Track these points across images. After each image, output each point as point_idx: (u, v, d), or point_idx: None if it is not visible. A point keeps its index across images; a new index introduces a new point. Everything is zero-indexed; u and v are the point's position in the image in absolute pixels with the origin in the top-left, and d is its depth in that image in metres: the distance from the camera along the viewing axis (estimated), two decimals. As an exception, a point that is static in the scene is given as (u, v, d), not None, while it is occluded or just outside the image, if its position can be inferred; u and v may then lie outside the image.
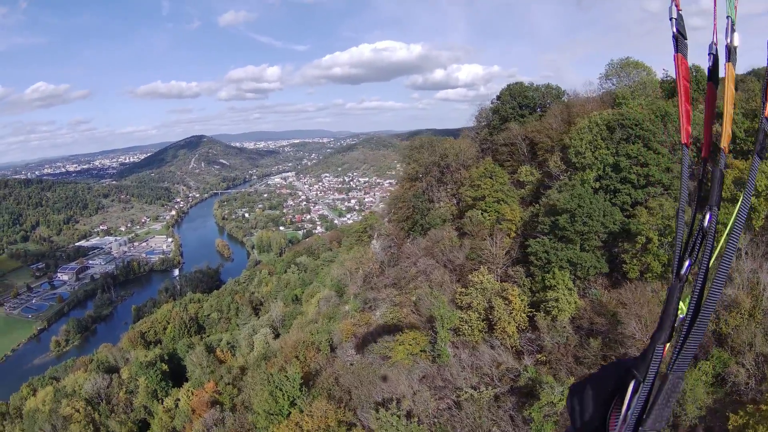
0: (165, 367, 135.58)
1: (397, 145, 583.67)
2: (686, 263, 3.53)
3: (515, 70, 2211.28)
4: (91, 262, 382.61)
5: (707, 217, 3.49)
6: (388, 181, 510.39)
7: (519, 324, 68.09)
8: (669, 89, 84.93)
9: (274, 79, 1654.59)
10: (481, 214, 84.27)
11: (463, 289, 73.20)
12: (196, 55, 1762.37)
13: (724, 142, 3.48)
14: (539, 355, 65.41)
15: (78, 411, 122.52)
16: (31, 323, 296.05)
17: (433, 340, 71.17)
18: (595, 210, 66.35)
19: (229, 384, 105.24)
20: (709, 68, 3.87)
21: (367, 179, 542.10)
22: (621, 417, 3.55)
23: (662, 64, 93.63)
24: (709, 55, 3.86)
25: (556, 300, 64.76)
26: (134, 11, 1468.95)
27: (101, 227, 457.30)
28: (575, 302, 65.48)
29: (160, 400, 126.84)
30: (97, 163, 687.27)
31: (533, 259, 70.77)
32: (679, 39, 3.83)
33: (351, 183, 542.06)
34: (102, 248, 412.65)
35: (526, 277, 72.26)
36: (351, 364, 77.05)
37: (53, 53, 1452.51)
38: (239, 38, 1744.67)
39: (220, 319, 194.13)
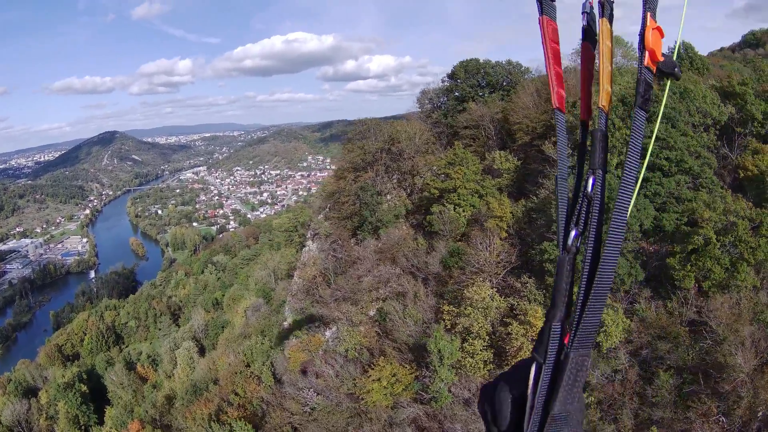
0: (84, 388, 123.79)
1: (308, 137, 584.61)
2: (572, 233, 3.08)
3: (426, 61, 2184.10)
4: (8, 266, 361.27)
5: (590, 181, 3.04)
6: (299, 173, 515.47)
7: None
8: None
9: (185, 72, 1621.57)
10: (454, 209, 69.59)
11: (452, 308, 56.70)
12: (109, 50, 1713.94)
13: (603, 101, 3.17)
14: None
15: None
16: None
17: (421, 376, 55.21)
18: (628, 203, 50.13)
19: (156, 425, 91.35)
20: (583, 27, 3.55)
21: (278, 172, 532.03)
22: (528, 403, 3.08)
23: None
24: (582, 13, 3.54)
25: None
26: (51, 6, 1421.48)
27: (17, 229, 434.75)
28: (623, 322, 48.76)
29: (82, 428, 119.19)
30: (13, 162, 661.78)
31: (550, 267, 52.79)
32: (544, 1, 3.39)
33: (263, 176, 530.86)
34: (19, 251, 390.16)
35: (539, 291, 54.75)
36: (312, 409, 60.16)
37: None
38: (152, 31, 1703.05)
39: (138, 327, 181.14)
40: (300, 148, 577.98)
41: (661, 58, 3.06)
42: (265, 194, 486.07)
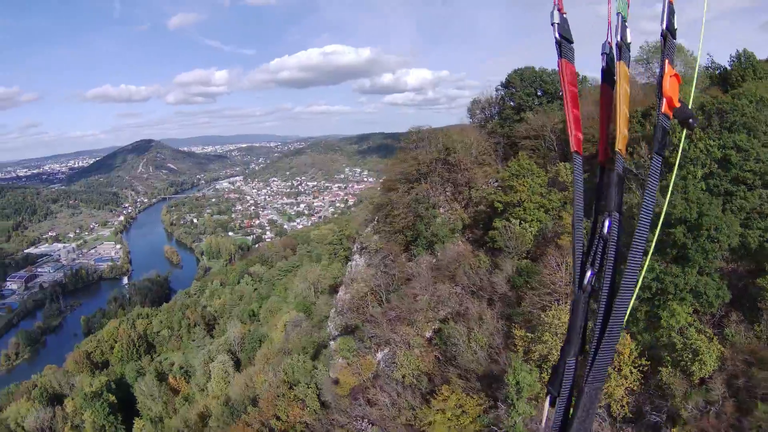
0: (112, 398, 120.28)
1: (345, 149, 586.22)
2: (588, 273, 3.44)
3: (464, 74, 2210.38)
4: (39, 270, 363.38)
5: (606, 223, 3.44)
6: (337, 185, 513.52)
7: (629, 384, 44.73)
8: (717, 78, 71.22)
9: (221, 82, 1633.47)
10: (519, 224, 63.85)
11: (526, 333, 50.54)
12: (145, 59, 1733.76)
13: (620, 144, 3.51)
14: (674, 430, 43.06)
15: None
16: None
17: (489, 407, 49.36)
18: (721, 219, 45.72)
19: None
20: (603, 69, 3.89)
21: (315, 183, 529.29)
22: None
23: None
24: (602, 54, 3.87)
25: (693, 349, 42.54)
26: (86, 14, 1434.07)
27: (50, 233, 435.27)
28: (717, 349, 42.84)
29: None
30: (47, 167, 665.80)
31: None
32: (563, 44, 3.77)
33: (299, 187, 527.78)
34: (51, 255, 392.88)
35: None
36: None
37: (2, 55, 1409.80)
38: (188, 42, 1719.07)
39: (170, 336, 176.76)
40: (337, 159, 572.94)
41: (677, 105, 3.41)
42: (302, 205, 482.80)
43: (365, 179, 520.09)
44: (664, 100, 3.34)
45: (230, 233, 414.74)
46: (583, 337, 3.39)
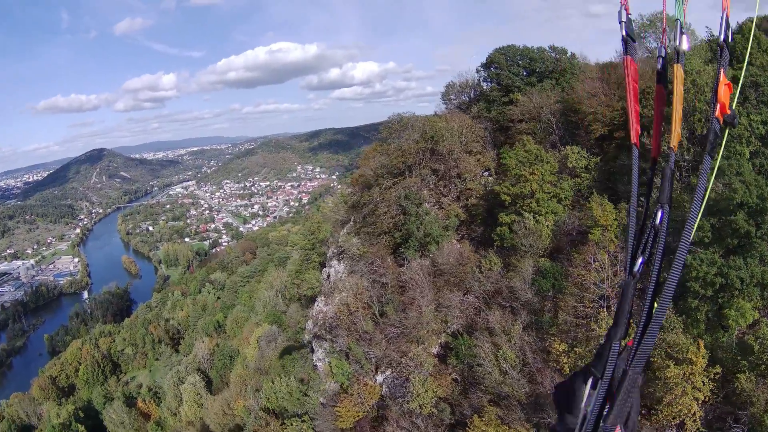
0: (81, 428, 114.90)
1: (296, 147, 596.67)
2: (639, 261, 3.59)
3: (410, 66, 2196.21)
4: (0, 289, 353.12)
5: (659, 214, 3.54)
6: (290, 184, 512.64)
7: (702, 396, 37.88)
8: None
9: (170, 87, 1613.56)
10: (534, 218, 54.93)
11: (569, 348, 42.32)
12: (93, 67, 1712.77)
13: (674, 142, 3.59)
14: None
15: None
16: None
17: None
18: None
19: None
20: (658, 71, 4.00)
21: (268, 183, 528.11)
22: (581, 414, 3.64)
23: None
24: (658, 57, 4.00)
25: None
26: (35, 25, 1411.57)
27: (8, 251, 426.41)
28: None
29: None
30: (1, 183, 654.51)
31: (695, 287, 39.62)
32: (628, 42, 3.99)
33: (252, 188, 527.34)
34: (10, 274, 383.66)
35: (677, 316, 40.81)
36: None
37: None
38: (135, 47, 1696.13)
39: (135, 353, 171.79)
40: (289, 158, 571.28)
41: (728, 111, 3.53)
42: (256, 206, 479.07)
43: (318, 176, 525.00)
44: (718, 105, 3.45)
45: (186, 239, 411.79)
46: (627, 322, 3.53)
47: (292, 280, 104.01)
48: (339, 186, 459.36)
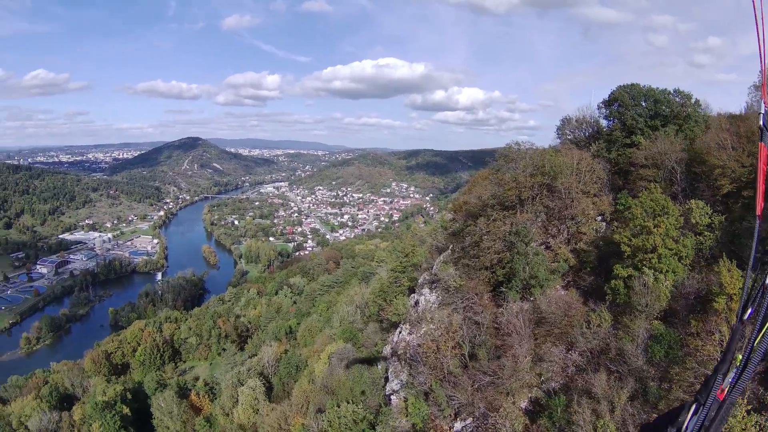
0: (126, 409, 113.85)
1: (393, 163, 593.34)
2: (749, 310, 4.20)
3: (515, 97, 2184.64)
4: (72, 256, 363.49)
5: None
6: (382, 199, 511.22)
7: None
8: None
9: (273, 87, 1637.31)
10: (653, 276, 48.32)
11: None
12: (197, 58, 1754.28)
13: None
14: None
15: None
16: (3, 315, 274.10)
17: None
18: None
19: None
20: (761, 128, 4.37)
21: (361, 195, 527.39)
22: None
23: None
24: (761, 114, 4.35)
25: None
26: (141, 9, 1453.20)
27: (87, 221, 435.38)
28: None
29: None
30: (90, 156, 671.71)
31: None
32: (764, 131, 4.36)
33: (344, 198, 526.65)
34: (85, 243, 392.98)
35: None
36: None
37: (56, 42, 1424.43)
38: (241, 44, 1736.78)
39: (199, 344, 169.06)
40: (384, 173, 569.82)
41: None
42: (346, 216, 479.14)
43: (412, 195, 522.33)
44: None
45: (271, 238, 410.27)
46: (731, 360, 4.05)
47: (374, 299, 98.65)
48: (431, 207, 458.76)
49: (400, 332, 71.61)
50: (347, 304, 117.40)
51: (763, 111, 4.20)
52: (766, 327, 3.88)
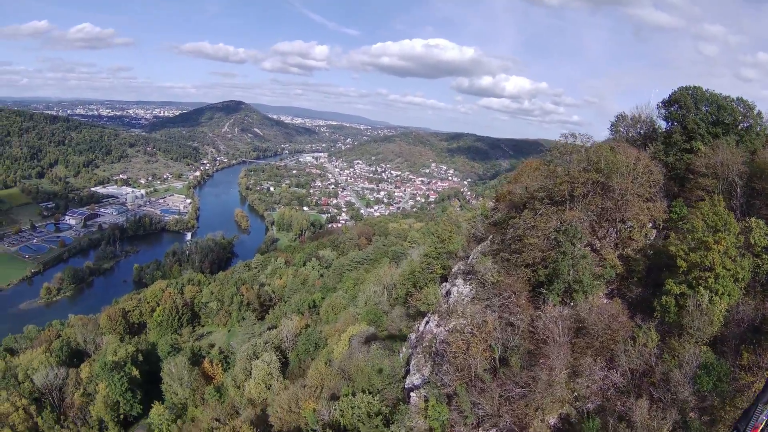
0: (135, 371, 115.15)
1: (435, 145, 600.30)
2: None
3: (561, 90, 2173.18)
4: (103, 210, 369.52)
5: None
6: (420, 179, 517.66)
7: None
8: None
9: (321, 58, 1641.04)
10: (709, 297, 43.22)
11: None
12: (245, 22, 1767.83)
13: None
14: None
15: (18, 410, 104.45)
16: (26, 264, 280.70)
17: None
18: None
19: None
20: None
21: (399, 173, 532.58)
22: None
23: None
24: None
25: None
26: None
27: (121, 176, 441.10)
28: None
29: (120, 417, 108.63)
30: (131, 111, 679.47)
31: None
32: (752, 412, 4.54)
33: (383, 174, 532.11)
34: (117, 198, 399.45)
35: None
36: None
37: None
38: (291, 11, 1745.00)
39: (219, 310, 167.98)
40: (425, 153, 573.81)
41: None
42: (382, 193, 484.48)
43: (450, 178, 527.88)
44: None
45: (305, 208, 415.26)
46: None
47: (403, 281, 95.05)
48: (469, 192, 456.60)
49: (427, 322, 65.82)
50: (375, 284, 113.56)
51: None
52: None
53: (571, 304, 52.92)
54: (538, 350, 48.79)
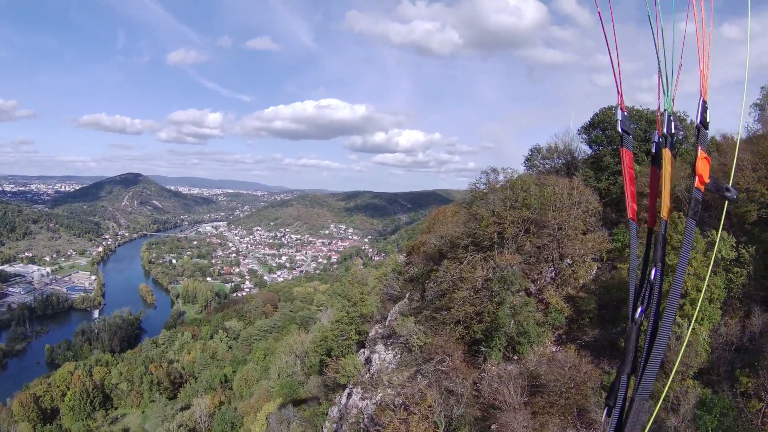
0: None
1: (332, 205, 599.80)
2: (639, 309, 4.26)
3: (455, 139, 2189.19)
4: (10, 289, 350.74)
5: (653, 272, 4.24)
6: (321, 240, 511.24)
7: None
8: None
9: (215, 125, 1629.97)
10: (688, 327, 38.39)
11: None
12: (142, 92, 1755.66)
13: (664, 212, 4.36)
14: None
15: None
16: None
17: None
18: None
19: None
20: (653, 154, 4.68)
21: (299, 236, 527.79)
22: None
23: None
24: (652, 142, 4.68)
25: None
26: (91, 41, 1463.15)
27: (26, 254, 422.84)
28: None
29: None
30: (33, 186, 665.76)
31: None
32: (624, 136, 4.79)
33: (283, 239, 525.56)
34: (24, 276, 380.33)
35: None
36: None
37: (4, 68, 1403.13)
38: (186, 80, 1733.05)
39: (130, 391, 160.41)
40: (323, 214, 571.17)
41: (708, 181, 4.21)
42: (284, 257, 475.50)
43: (350, 237, 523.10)
44: (696, 177, 4.12)
45: (208, 278, 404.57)
46: (635, 360, 4.07)
47: (315, 348, 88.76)
48: (370, 249, 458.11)
49: (350, 395, 58.95)
50: (286, 353, 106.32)
51: (620, 117, 4.56)
52: (659, 323, 3.94)
53: (515, 358, 47.47)
54: (489, 417, 42.32)
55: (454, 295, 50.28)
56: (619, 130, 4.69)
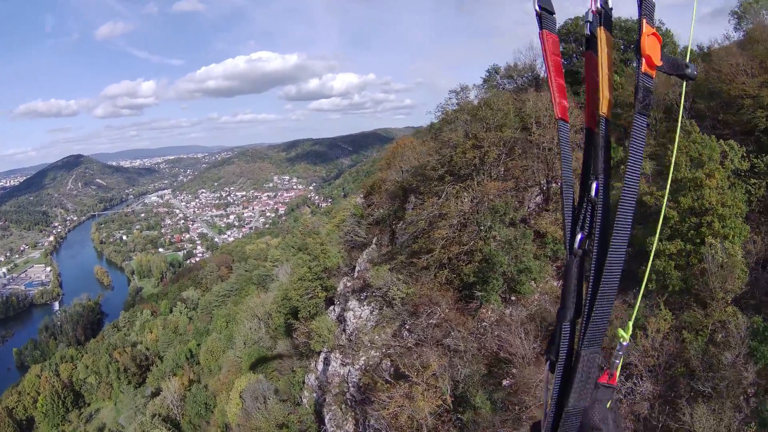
0: None
1: (273, 157, 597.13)
2: (578, 237, 3.47)
3: (390, 78, 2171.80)
4: None
5: (594, 186, 3.40)
6: (266, 194, 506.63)
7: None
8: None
9: (149, 94, 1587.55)
10: (721, 246, 33.51)
11: None
12: (73, 71, 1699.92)
13: (604, 108, 3.43)
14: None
15: None
16: None
17: None
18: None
19: None
20: (586, 37, 3.76)
21: (244, 193, 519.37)
22: (545, 401, 3.48)
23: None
24: (585, 23, 3.75)
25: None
26: (18, 29, 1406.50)
27: None
28: None
29: None
30: None
31: None
32: (544, 16, 3.71)
33: (228, 198, 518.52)
34: None
35: None
36: None
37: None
38: (116, 52, 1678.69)
39: (99, 383, 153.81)
40: (266, 168, 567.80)
41: (660, 63, 3.14)
42: (232, 216, 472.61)
43: (295, 187, 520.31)
44: (644, 59, 3.08)
45: (161, 249, 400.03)
46: (579, 302, 3.37)
47: (278, 308, 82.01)
48: (317, 197, 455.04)
49: (326, 360, 54.37)
50: (248, 318, 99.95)
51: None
52: (608, 252, 3.02)
53: (513, 299, 42.27)
54: (498, 372, 36.16)
55: (434, 234, 45.34)
56: (536, 8, 3.47)
